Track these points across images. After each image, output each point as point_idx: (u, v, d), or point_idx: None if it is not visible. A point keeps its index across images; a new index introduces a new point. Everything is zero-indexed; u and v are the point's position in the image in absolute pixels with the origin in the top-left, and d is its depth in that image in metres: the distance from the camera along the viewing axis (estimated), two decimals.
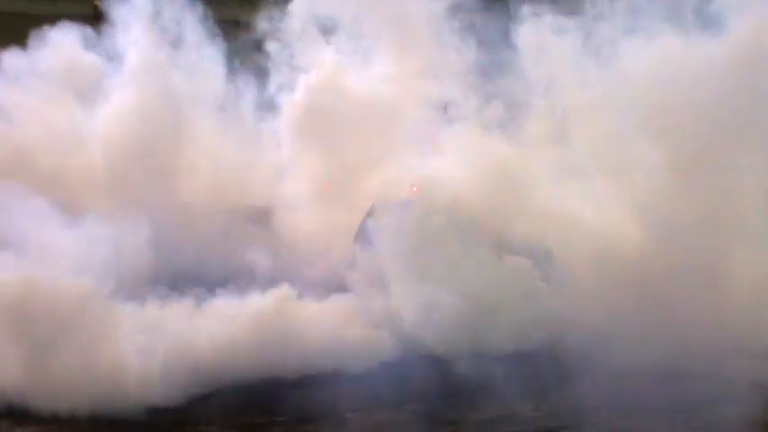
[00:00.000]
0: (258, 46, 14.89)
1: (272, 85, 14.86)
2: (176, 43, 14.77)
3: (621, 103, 12.41)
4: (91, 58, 14.78)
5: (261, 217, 14.41)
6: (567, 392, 10.17)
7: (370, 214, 12.68)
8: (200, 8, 14.95)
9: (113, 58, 14.81)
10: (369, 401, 10.03)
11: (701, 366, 10.21)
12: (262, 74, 14.95)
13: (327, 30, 14.73)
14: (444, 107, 13.96)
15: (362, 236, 12.57)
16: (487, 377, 10.57)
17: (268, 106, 14.90)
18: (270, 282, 11.47)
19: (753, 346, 10.56)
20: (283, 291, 11.25)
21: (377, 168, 13.41)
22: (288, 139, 14.50)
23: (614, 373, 10.30)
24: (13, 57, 14.49)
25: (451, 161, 12.80)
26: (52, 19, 14.88)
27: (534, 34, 13.45)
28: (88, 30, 14.89)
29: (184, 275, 11.82)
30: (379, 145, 13.63)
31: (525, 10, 13.52)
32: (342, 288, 12.26)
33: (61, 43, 14.69)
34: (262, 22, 14.83)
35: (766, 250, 11.31)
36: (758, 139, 11.55)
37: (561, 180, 12.56)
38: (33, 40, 14.49)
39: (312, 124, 14.05)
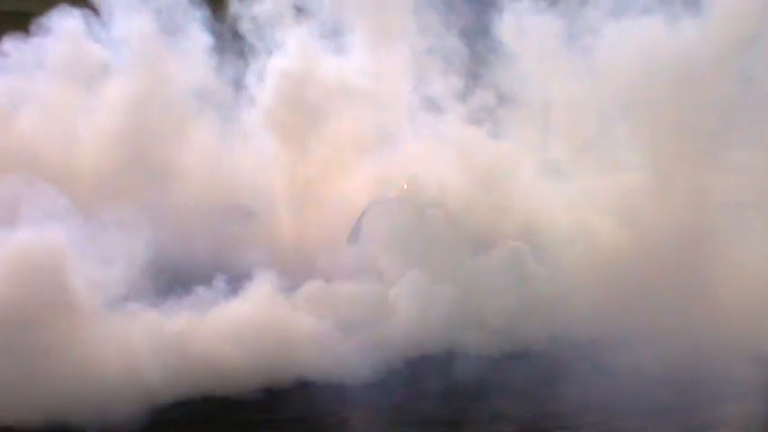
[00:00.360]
0: (237, 33, 14.76)
1: (249, 73, 14.77)
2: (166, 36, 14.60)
3: (604, 93, 12.45)
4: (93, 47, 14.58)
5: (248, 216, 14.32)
6: (564, 392, 10.20)
7: (365, 213, 12.69)
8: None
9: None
10: (365, 401, 10.08)
11: (697, 368, 10.31)
12: (242, 62, 14.84)
13: (303, 13, 14.57)
14: (426, 97, 13.95)
15: (358, 234, 12.58)
16: (484, 377, 10.65)
17: (247, 96, 14.77)
18: (261, 282, 11.36)
19: (747, 347, 10.60)
20: (278, 292, 11.26)
21: (357, 164, 13.37)
22: (263, 131, 14.36)
23: (610, 374, 10.43)
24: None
25: (437, 155, 12.81)
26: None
27: (515, 21, 13.41)
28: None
29: (173, 275, 11.68)
30: (358, 137, 13.55)
31: None
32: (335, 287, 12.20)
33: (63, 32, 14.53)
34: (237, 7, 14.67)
35: (753, 246, 11.41)
36: (742, 125, 11.59)
37: (546, 174, 12.62)
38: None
39: (286, 116, 13.89)
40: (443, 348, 11.34)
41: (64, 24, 14.58)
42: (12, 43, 14.50)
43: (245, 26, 14.74)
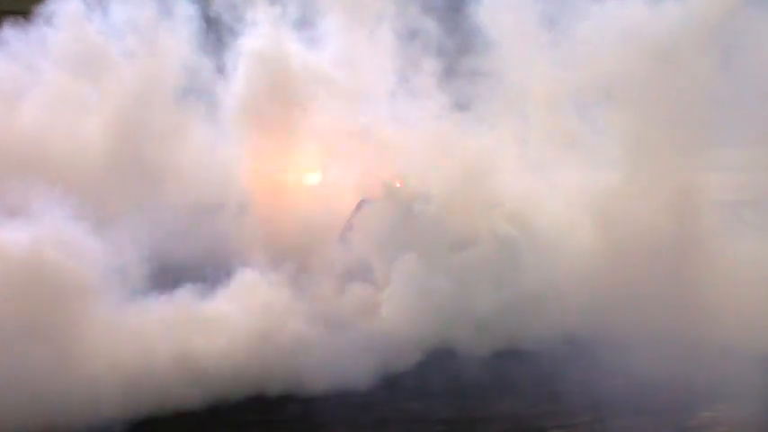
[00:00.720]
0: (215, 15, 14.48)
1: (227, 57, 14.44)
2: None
3: (586, 77, 12.41)
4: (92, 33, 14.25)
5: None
6: (559, 392, 10.32)
7: (357, 210, 12.66)
8: None
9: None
10: (361, 399, 10.12)
11: (691, 367, 10.39)
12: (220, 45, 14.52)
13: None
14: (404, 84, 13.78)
15: (350, 231, 12.57)
16: (479, 375, 10.72)
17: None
18: (252, 281, 11.32)
19: (740, 346, 10.68)
20: (269, 291, 11.22)
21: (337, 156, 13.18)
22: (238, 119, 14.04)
23: (605, 373, 10.50)
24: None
25: (418, 152, 12.73)
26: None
27: (495, 3, 13.26)
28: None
29: (165, 272, 11.46)
30: (335, 126, 13.35)
31: None
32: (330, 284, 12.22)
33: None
34: None
35: (743, 243, 11.50)
36: (726, 113, 11.60)
37: (530, 168, 12.60)
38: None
39: (260, 103, 13.51)
40: (437, 347, 11.36)
41: (63, 10, 14.21)
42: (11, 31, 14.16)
43: (218, 7, 14.42)
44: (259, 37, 13.87)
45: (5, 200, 10.22)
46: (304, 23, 14.02)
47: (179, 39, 14.34)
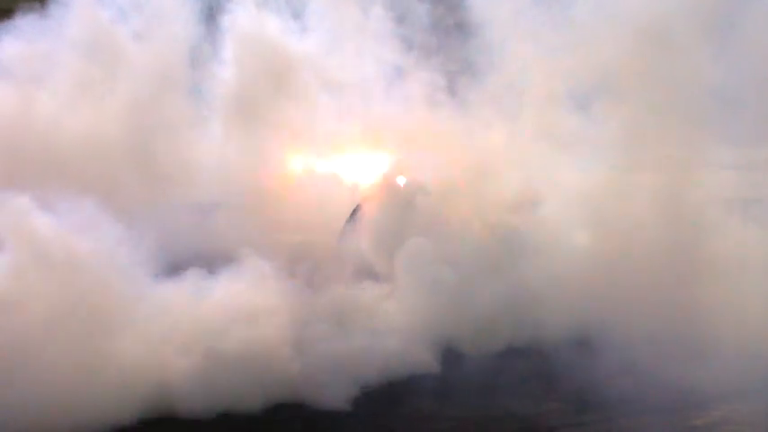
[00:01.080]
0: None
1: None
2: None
3: (580, 70, 12.35)
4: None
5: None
6: (568, 390, 10.38)
7: (358, 208, 12.60)
8: None
9: None
10: (367, 397, 10.13)
11: (698, 366, 10.42)
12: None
13: None
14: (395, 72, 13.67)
15: (351, 228, 12.52)
16: (488, 374, 10.72)
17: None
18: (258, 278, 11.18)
19: (742, 346, 10.70)
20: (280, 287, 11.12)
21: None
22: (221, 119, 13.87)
23: (613, 372, 10.51)
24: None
25: (413, 145, 12.66)
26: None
27: None
28: None
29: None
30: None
31: None
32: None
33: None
34: None
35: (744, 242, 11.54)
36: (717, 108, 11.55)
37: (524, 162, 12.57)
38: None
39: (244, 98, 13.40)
40: (444, 346, 11.32)
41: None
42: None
43: None
44: (246, 20, 13.67)
45: (34, 191, 10.02)
46: (292, 7, 13.84)
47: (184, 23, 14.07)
